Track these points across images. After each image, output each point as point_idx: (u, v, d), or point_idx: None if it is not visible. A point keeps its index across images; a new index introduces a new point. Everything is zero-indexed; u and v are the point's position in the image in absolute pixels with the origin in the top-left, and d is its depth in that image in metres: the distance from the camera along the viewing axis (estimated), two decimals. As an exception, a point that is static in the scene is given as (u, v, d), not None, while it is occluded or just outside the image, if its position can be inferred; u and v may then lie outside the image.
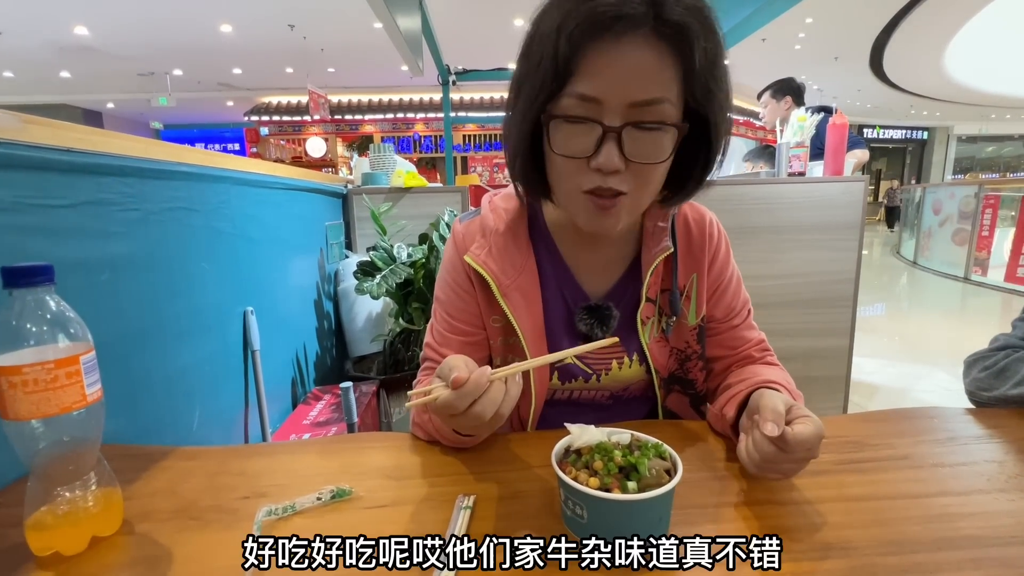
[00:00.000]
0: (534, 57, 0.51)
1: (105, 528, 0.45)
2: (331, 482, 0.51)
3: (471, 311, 0.66)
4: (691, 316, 0.68)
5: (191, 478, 0.54)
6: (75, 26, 6.52)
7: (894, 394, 2.55)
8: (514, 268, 0.63)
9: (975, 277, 5.46)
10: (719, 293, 0.69)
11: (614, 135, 0.50)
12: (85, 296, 0.74)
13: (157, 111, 10.38)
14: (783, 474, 0.50)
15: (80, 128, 0.70)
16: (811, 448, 0.48)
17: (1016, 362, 0.70)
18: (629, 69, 0.48)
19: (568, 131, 0.51)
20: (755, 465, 0.50)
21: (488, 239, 0.64)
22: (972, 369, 0.75)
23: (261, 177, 1.40)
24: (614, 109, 0.49)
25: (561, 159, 0.53)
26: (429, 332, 0.70)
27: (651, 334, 0.67)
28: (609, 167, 0.50)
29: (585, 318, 0.65)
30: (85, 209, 0.74)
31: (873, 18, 7.32)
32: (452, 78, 3.72)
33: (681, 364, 0.70)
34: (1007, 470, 0.53)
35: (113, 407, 0.78)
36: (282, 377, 1.55)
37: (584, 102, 0.49)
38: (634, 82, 0.48)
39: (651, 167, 0.52)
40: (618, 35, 0.47)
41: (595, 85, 0.49)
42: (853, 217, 1.84)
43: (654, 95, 0.49)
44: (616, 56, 0.48)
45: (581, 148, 0.51)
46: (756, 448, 0.49)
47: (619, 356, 0.67)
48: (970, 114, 14.56)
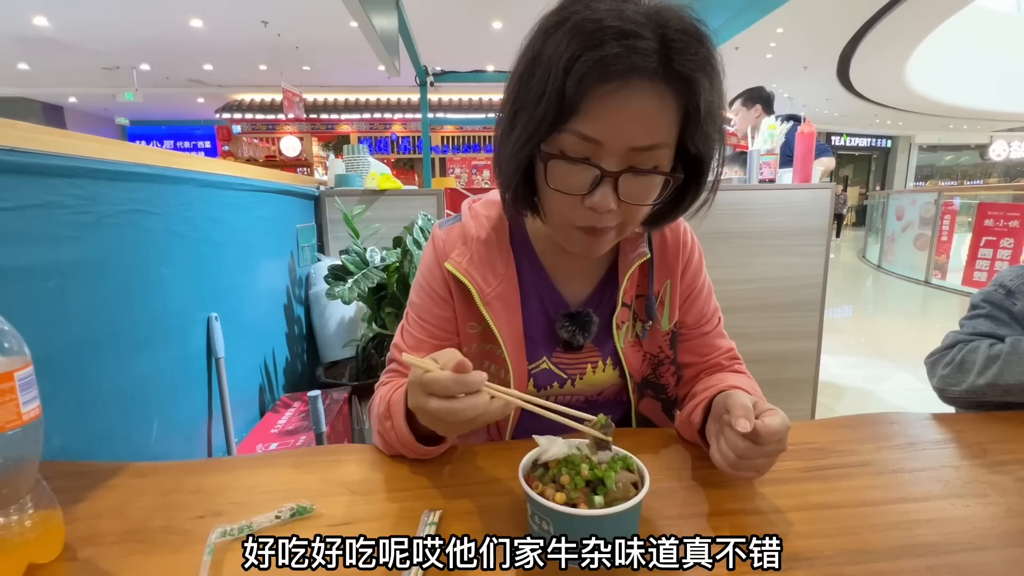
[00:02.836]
0: (535, 88, 0.49)
1: (43, 555, 0.42)
2: (292, 499, 0.49)
3: (446, 317, 0.66)
4: (664, 321, 0.69)
5: (142, 497, 0.52)
6: (34, 16, 6.24)
7: (860, 395, 2.63)
8: (495, 276, 0.63)
9: (935, 281, 5.69)
10: (691, 299, 0.70)
11: (611, 179, 0.50)
12: (30, 305, 0.70)
13: (123, 106, 10.02)
14: (756, 471, 0.51)
15: (25, 126, 0.67)
16: (781, 439, 0.49)
17: (970, 352, 0.75)
18: (633, 115, 0.48)
19: (565, 169, 0.51)
20: (730, 464, 0.51)
21: (469, 247, 0.64)
22: (935, 368, 0.80)
23: (226, 178, 1.35)
24: (614, 153, 0.49)
25: (556, 192, 0.52)
26: (399, 334, 0.69)
27: (626, 338, 0.68)
28: (604, 209, 0.51)
29: (566, 325, 0.65)
30: (31, 212, 0.70)
31: (840, 30, 7.57)
32: (430, 79, 3.70)
33: (654, 369, 0.71)
34: (962, 475, 0.54)
35: (60, 421, 0.75)
36: (249, 385, 1.50)
37: (584, 141, 0.49)
38: (637, 127, 0.48)
39: (640, 208, 0.53)
40: (625, 80, 0.47)
41: (598, 128, 0.48)
42: (821, 223, 1.89)
43: (655, 141, 0.49)
44: (622, 101, 0.47)
45: (576, 186, 0.51)
46: (730, 446, 0.50)
47: (594, 360, 0.68)
48: (930, 124, 15.20)
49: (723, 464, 0.51)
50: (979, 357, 0.74)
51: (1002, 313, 0.78)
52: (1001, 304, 0.78)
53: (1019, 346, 0.71)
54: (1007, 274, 0.81)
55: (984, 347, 0.74)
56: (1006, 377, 0.70)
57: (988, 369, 0.72)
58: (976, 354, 0.74)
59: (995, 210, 4.60)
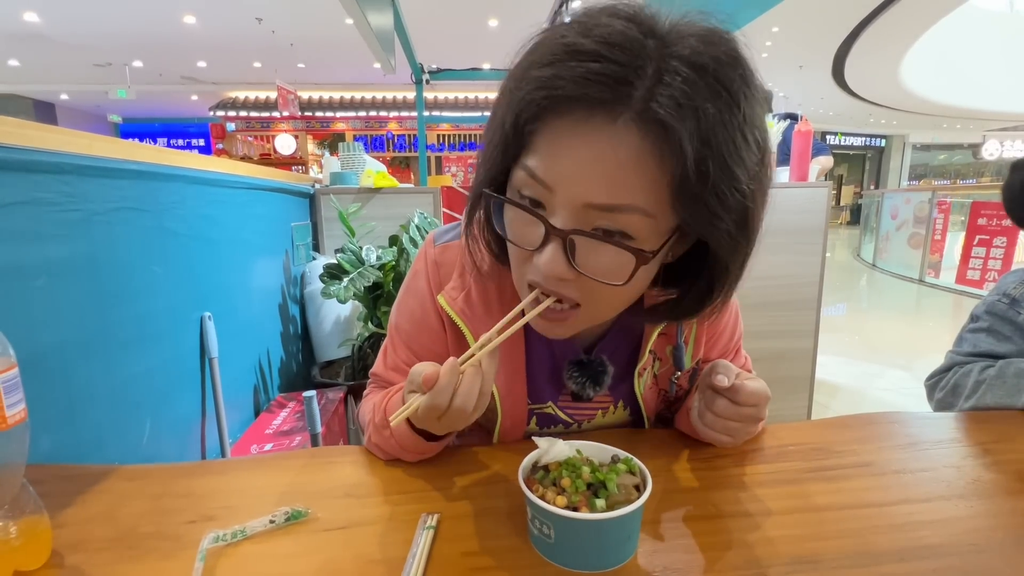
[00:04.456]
0: (492, 121, 0.43)
1: (29, 562, 0.41)
2: (286, 502, 0.48)
3: (437, 351, 0.59)
4: (687, 361, 0.61)
5: (132, 501, 0.50)
6: (24, 12, 6.16)
7: (855, 393, 2.64)
8: (494, 321, 0.53)
9: (929, 279, 5.72)
10: (717, 336, 0.64)
11: (559, 238, 0.40)
12: (16, 304, 0.68)
13: (116, 104, 9.91)
14: (730, 434, 0.51)
15: (11, 121, 0.65)
16: (758, 404, 0.49)
17: (963, 376, 0.76)
18: (591, 161, 0.38)
19: (517, 213, 0.42)
20: (706, 423, 0.50)
21: (467, 280, 0.56)
22: (933, 392, 0.82)
23: (219, 176, 1.34)
24: (565, 205, 0.39)
25: (510, 243, 0.45)
26: (382, 355, 0.63)
27: (645, 383, 0.60)
28: (550, 274, 0.41)
29: (575, 375, 0.57)
30: (17, 210, 0.68)
31: (835, 29, 7.60)
32: (426, 77, 3.68)
33: (668, 406, 0.66)
34: (965, 475, 0.54)
35: (49, 423, 0.73)
36: (243, 385, 1.49)
37: (535, 182, 0.40)
38: (595, 178, 0.38)
39: (607, 287, 0.41)
40: (587, 117, 0.37)
41: (547, 168, 0.39)
42: (817, 222, 1.89)
43: (617, 200, 0.38)
44: (579, 141, 0.38)
45: (527, 239, 0.42)
46: (706, 404, 0.50)
47: (605, 406, 0.62)
48: (924, 123, 15.29)
49: (699, 425, 0.51)
50: (970, 381, 0.74)
51: (1005, 326, 0.77)
52: (1004, 315, 0.77)
53: (1006, 370, 0.71)
54: (1011, 281, 0.79)
55: (976, 371, 0.75)
56: (987, 400, 0.71)
57: (975, 393, 0.73)
58: (968, 378, 0.75)
59: (988, 209, 4.63)
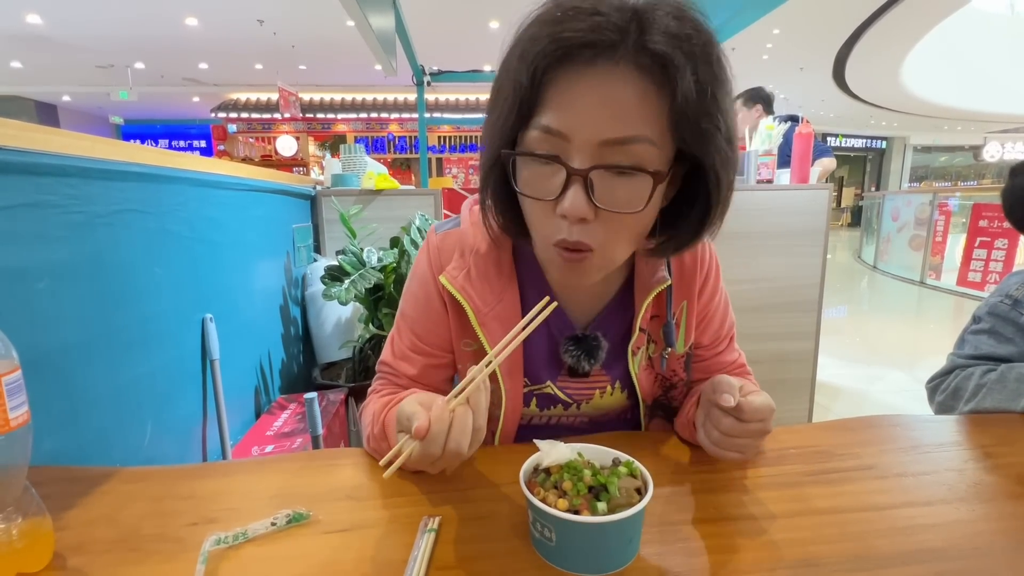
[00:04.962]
0: (502, 88, 0.46)
1: (32, 564, 0.41)
2: (288, 505, 0.48)
3: (440, 333, 0.62)
4: (680, 344, 0.64)
5: (134, 503, 0.50)
6: (27, 14, 6.18)
7: (856, 395, 2.64)
8: (494, 294, 0.58)
9: (930, 281, 5.72)
10: (707, 320, 0.66)
11: (580, 178, 0.44)
12: (20, 307, 0.68)
13: (118, 105, 9.93)
14: (739, 450, 0.51)
15: (14, 123, 0.65)
16: (764, 419, 0.49)
17: (964, 380, 0.76)
18: (600, 102, 0.42)
19: (533, 170, 0.46)
20: (714, 442, 0.50)
21: (467, 259, 0.59)
22: (934, 394, 0.81)
23: (221, 178, 1.34)
24: (582, 147, 0.43)
25: (530, 201, 0.48)
26: (389, 344, 0.65)
27: (640, 363, 0.63)
28: (574, 214, 0.44)
29: (571, 349, 0.60)
30: (20, 212, 0.68)
31: (836, 32, 7.60)
32: (427, 79, 3.68)
33: (666, 392, 0.67)
34: (967, 479, 0.54)
35: (52, 425, 0.73)
36: (245, 386, 1.49)
37: (550, 136, 0.44)
38: (606, 117, 0.43)
39: (625, 217, 0.46)
40: (589, 63, 0.42)
41: (562, 118, 0.43)
42: (818, 224, 1.89)
43: (628, 133, 0.43)
44: (587, 87, 0.42)
45: (546, 190, 0.46)
46: (713, 423, 0.50)
47: (602, 386, 0.64)
48: (925, 125, 15.27)
49: (707, 443, 0.51)
50: (971, 385, 0.74)
51: (1007, 327, 0.76)
52: (1007, 317, 0.76)
53: (1008, 375, 0.70)
54: (1013, 282, 0.78)
55: (977, 375, 0.74)
56: (988, 403, 0.70)
57: (975, 397, 0.72)
58: (969, 381, 0.75)
59: (989, 211, 4.63)
